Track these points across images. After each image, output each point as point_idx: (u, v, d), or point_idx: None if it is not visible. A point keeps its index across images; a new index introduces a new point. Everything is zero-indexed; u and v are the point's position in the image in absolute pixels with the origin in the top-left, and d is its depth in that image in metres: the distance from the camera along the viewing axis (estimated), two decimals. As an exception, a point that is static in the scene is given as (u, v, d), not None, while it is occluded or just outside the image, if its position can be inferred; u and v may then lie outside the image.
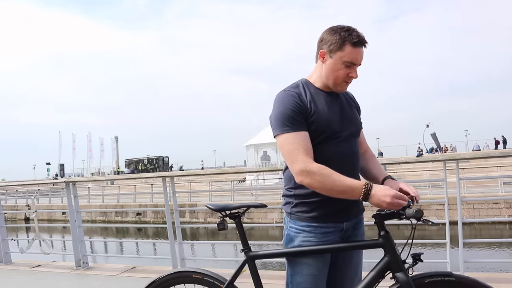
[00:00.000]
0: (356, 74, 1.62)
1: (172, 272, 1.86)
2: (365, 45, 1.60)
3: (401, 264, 1.52)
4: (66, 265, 4.96)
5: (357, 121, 1.76)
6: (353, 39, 1.56)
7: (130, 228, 18.93)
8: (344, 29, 1.59)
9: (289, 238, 1.67)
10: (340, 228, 1.65)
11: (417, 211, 1.42)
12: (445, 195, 3.58)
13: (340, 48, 1.57)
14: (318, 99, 1.64)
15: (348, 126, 1.68)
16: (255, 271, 1.68)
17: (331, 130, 1.62)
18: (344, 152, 1.64)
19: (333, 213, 1.63)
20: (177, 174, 5.66)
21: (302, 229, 1.65)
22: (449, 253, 3.51)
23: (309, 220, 1.64)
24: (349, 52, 1.57)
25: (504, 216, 13.72)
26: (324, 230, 1.63)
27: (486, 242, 11.00)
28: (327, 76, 1.64)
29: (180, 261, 4.28)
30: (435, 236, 10.01)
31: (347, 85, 1.67)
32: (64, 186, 5.05)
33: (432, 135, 37.68)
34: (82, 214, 5.12)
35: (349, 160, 1.65)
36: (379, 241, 1.55)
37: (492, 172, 17.01)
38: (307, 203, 1.64)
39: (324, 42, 1.62)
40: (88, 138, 46.87)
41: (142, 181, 24.97)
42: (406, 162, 4.27)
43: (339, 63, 1.59)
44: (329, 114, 1.63)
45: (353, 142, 1.70)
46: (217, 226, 1.69)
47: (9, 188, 25.45)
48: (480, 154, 13.33)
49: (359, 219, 1.76)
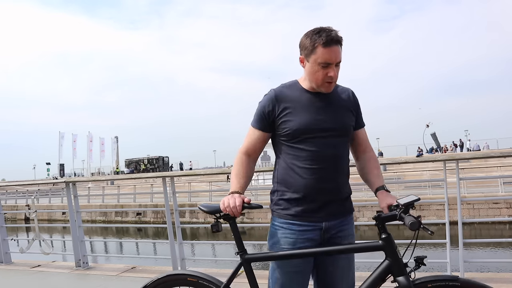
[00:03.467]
0: (334, 73, 1.63)
1: (165, 275, 1.77)
2: (337, 42, 1.61)
3: (403, 268, 1.47)
4: (66, 265, 4.96)
5: (343, 121, 1.71)
6: (322, 40, 1.58)
7: (130, 228, 18.92)
8: (315, 31, 1.62)
9: (270, 235, 1.73)
10: (319, 227, 1.66)
11: (412, 224, 1.36)
12: (445, 195, 3.58)
13: (312, 51, 1.62)
14: (301, 100, 1.69)
15: (330, 126, 1.67)
16: (251, 273, 1.65)
17: (307, 129, 1.64)
18: (323, 152, 1.65)
19: (310, 211, 1.65)
20: (177, 174, 5.65)
21: (281, 225, 1.70)
22: (449, 253, 3.50)
23: (287, 217, 1.68)
24: (321, 53, 1.60)
25: (504, 216, 13.71)
26: (302, 228, 1.66)
27: (486, 242, 11.01)
28: (309, 79, 1.69)
29: (180, 261, 4.28)
30: (435, 236, 9.96)
31: (330, 85, 1.67)
32: (64, 186, 5.05)
33: (432, 135, 37.68)
34: (82, 214, 5.12)
35: (329, 160, 1.65)
36: (380, 244, 1.50)
37: (492, 172, 16.99)
38: (285, 200, 1.69)
39: (301, 48, 1.68)
40: (88, 138, 46.82)
41: (142, 181, 24.96)
42: (406, 162, 4.27)
43: (315, 66, 1.63)
44: (309, 115, 1.66)
45: (336, 142, 1.68)
46: (211, 227, 1.64)
47: (9, 188, 25.45)
48: (480, 154, 13.32)
49: (345, 220, 1.73)
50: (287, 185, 1.69)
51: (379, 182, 1.70)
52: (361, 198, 13.56)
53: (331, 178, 1.66)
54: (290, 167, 1.68)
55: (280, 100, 1.69)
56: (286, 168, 1.70)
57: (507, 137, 37.84)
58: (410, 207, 1.45)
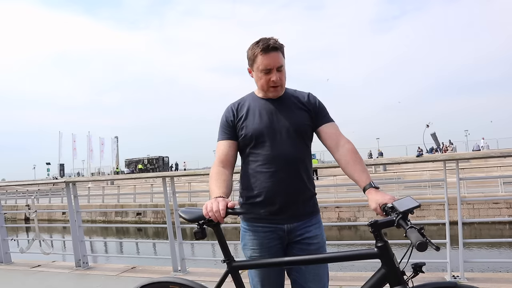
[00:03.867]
0: (276, 77, 1.70)
1: (147, 283, 1.71)
2: (275, 49, 1.68)
3: (400, 276, 1.39)
4: (66, 265, 4.96)
5: (296, 122, 1.73)
6: (260, 48, 1.68)
7: (130, 228, 18.90)
8: (255, 42, 1.73)
9: (241, 237, 1.81)
10: (281, 229, 1.70)
11: (420, 245, 1.19)
12: (445, 195, 3.58)
13: (254, 61, 1.72)
14: (254, 108, 1.78)
15: (282, 128, 1.72)
16: (239, 281, 1.60)
17: (259, 135, 1.71)
18: (276, 155, 1.69)
19: (271, 214, 1.70)
20: (177, 174, 5.65)
21: (247, 228, 1.77)
22: (449, 253, 3.51)
23: (251, 220, 1.76)
24: (260, 60, 1.69)
25: (504, 216, 13.69)
26: (265, 229, 1.72)
27: (486, 242, 11.00)
28: (257, 86, 1.79)
29: (180, 261, 4.28)
30: (435, 236, 9.97)
31: (276, 89, 1.74)
32: (64, 186, 5.05)
33: (432, 135, 37.64)
34: (82, 214, 5.12)
35: (285, 162, 1.68)
36: (376, 252, 1.40)
37: (492, 172, 16.98)
38: (247, 204, 1.76)
39: (247, 60, 1.77)
40: (88, 138, 46.82)
41: (142, 181, 24.94)
42: (406, 162, 4.27)
43: (258, 73, 1.73)
44: (260, 121, 1.74)
45: (291, 144, 1.71)
46: (194, 235, 1.54)
47: (9, 188, 25.40)
48: (480, 154, 13.31)
49: (309, 221, 1.74)
50: (248, 189, 1.75)
51: (364, 179, 1.58)
52: (361, 198, 13.58)
53: (288, 180, 1.69)
54: (250, 172, 1.75)
55: (237, 110, 1.80)
56: (246, 173, 1.77)
57: (507, 137, 37.94)
58: (409, 213, 1.33)
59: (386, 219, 1.38)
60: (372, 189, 1.54)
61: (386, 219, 1.38)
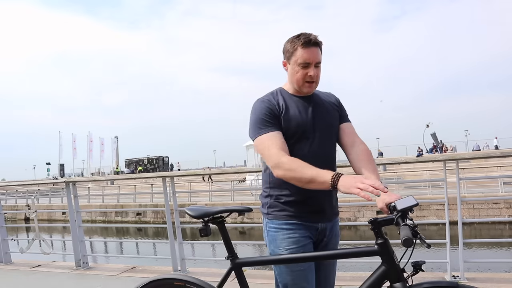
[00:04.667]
0: (313, 72, 1.67)
1: (152, 280, 1.72)
2: (316, 44, 1.67)
3: (400, 274, 1.41)
4: (66, 265, 4.96)
5: (331, 122, 1.77)
6: (301, 41, 1.66)
7: (130, 228, 18.91)
8: (296, 36, 1.70)
9: (270, 238, 1.71)
10: (316, 228, 1.70)
11: (406, 240, 1.25)
12: (445, 195, 3.58)
13: (293, 54, 1.69)
14: (290, 103, 1.72)
15: (320, 128, 1.71)
16: (242, 278, 1.60)
17: (301, 131, 1.68)
18: (316, 153, 1.67)
19: (308, 212, 1.68)
20: (177, 174, 5.65)
21: (280, 227, 1.69)
22: (449, 253, 3.50)
23: (286, 218, 1.69)
24: (300, 54, 1.66)
25: (504, 216, 13.70)
26: (302, 226, 1.68)
27: (486, 242, 11.00)
28: (291, 81, 1.74)
29: (180, 261, 4.28)
30: (435, 236, 10.02)
31: (311, 85, 1.71)
32: (64, 186, 5.05)
33: (432, 135, 37.65)
34: (82, 214, 5.12)
35: (322, 162, 1.63)
36: (376, 249, 1.43)
37: (492, 172, 17.00)
38: (282, 202, 1.69)
39: (284, 52, 1.75)
40: (88, 138, 46.77)
41: (142, 181, 24.95)
42: (406, 162, 4.27)
43: (295, 66, 1.69)
44: (301, 116, 1.69)
45: (326, 143, 1.72)
46: (199, 232, 1.59)
47: (9, 188, 25.44)
48: (480, 154, 13.33)
49: (334, 222, 1.79)
50: (281, 188, 1.69)
51: (374, 178, 1.61)
52: (361, 198, 13.52)
53: None
54: None
55: (274, 104, 1.70)
56: None
57: (507, 137, 37.95)
58: (408, 211, 1.36)
59: (386, 217, 1.42)
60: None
61: (386, 217, 1.42)
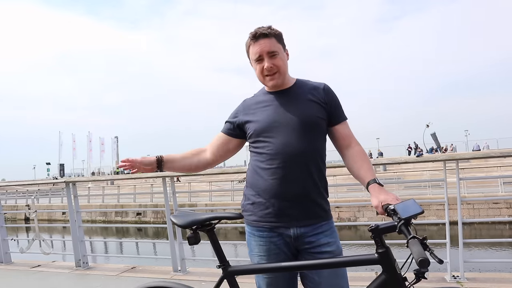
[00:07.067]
0: (269, 63, 1.60)
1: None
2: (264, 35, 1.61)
3: (402, 283, 1.33)
4: (66, 265, 4.95)
5: (306, 115, 1.60)
6: (251, 37, 1.63)
7: (130, 228, 18.92)
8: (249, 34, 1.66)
9: (247, 243, 1.67)
10: (287, 235, 1.55)
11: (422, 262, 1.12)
12: (445, 195, 3.58)
13: (248, 52, 1.68)
14: (262, 102, 1.69)
15: (290, 121, 1.58)
16: (235, 287, 1.53)
17: (264, 129, 1.61)
18: (283, 150, 1.55)
19: (275, 216, 1.56)
20: (177, 174, 5.64)
21: (251, 232, 1.63)
22: (449, 253, 3.50)
23: (253, 223, 1.62)
24: (252, 49, 1.64)
25: (504, 216, 13.71)
26: (270, 234, 1.57)
27: (486, 242, 11.01)
28: (258, 80, 1.71)
29: (180, 261, 4.28)
30: (435, 236, 10.01)
31: (273, 77, 1.63)
32: (64, 186, 5.04)
33: (432, 135, 37.64)
34: (82, 214, 5.11)
35: (291, 158, 1.54)
36: (376, 258, 1.34)
37: (492, 172, 17.01)
38: (250, 204, 1.63)
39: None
40: (88, 138, 46.87)
41: (142, 181, 24.91)
42: (406, 162, 4.27)
43: (253, 63, 1.68)
44: (266, 113, 1.64)
45: (299, 138, 1.56)
46: (188, 240, 1.48)
47: (9, 188, 25.42)
48: (480, 154, 13.29)
49: (319, 227, 1.57)
50: (252, 188, 1.63)
51: (369, 175, 1.53)
52: (361, 198, 13.58)
53: (295, 178, 1.53)
54: (254, 169, 1.63)
55: (246, 105, 1.73)
56: (251, 170, 1.65)
57: (507, 137, 37.97)
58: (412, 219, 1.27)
59: (387, 225, 1.32)
60: (376, 185, 1.47)
61: (387, 224, 1.32)
